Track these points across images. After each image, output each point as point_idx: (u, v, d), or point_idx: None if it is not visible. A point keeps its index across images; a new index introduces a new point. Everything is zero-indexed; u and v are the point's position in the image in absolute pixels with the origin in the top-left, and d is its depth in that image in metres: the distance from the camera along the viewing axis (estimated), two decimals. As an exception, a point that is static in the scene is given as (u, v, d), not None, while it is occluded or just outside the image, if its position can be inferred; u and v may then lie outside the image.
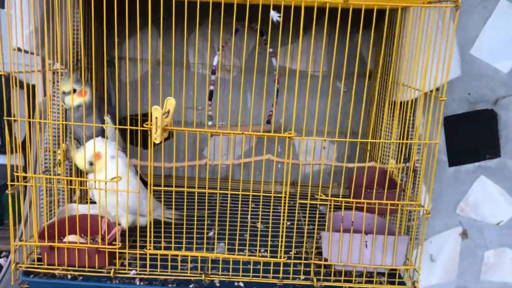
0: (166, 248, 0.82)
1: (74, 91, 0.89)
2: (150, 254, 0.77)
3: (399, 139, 0.94)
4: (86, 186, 0.83)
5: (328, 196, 0.74)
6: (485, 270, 1.30)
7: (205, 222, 0.79)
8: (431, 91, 0.75)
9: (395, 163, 0.97)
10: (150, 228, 0.77)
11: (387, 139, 1.02)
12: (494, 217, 1.27)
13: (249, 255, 0.81)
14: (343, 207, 0.75)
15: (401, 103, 0.92)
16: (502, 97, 1.19)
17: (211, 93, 1.02)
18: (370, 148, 1.11)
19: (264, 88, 1.18)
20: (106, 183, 0.74)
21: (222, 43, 1.01)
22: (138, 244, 0.79)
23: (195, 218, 0.75)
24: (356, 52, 0.66)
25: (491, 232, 1.28)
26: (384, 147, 1.03)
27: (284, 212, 0.73)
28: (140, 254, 0.78)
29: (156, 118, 0.68)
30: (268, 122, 1.07)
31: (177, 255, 0.78)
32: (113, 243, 0.77)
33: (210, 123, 1.00)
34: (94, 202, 0.84)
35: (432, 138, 0.74)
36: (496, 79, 1.18)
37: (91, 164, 0.79)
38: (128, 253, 0.79)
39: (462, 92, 1.19)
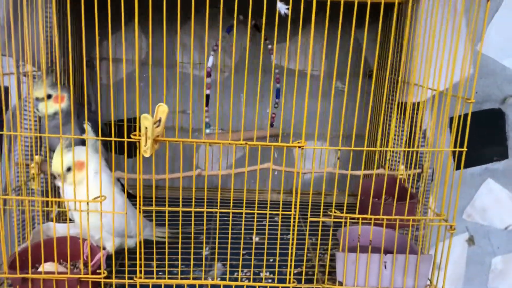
0: (158, 273, 0.73)
1: (49, 97, 0.78)
2: (141, 284, 0.67)
3: (409, 145, 0.87)
4: (64, 207, 0.73)
5: (342, 212, 0.66)
6: (493, 277, 1.24)
7: (203, 245, 0.70)
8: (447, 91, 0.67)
9: (405, 169, 0.90)
10: (140, 252, 0.67)
11: (396, 144, 0.95)
12: (502, 222, 1.21)
13: (253, 280, 0.72)
14: (360, 223, 0.67)
15: (411, 104, 0.84)
16: (510, 96, 1.13)
17: (207, 98, 0.92)
18: (377, 154, 1.04)
19: (270, 89, 1.08)
20: (88, 203, 0.64)
21: (217, 42, 0.91)
22: (126, 270, 0.69)
23: (192, 240, 0.66)
24: (358, 49, 0.57)
25: (499, 238, 1.22)
26: (393, 152, 0.96)
27: (293, 233, 0.64)
28: (129, 283, 0.68)
29: (146, 128, 0.58)
30: (272, 125, 0.98)
31: (172, 284, 0.69)
32: (98, 271, 0.67)
33: (208, 131, 0.90)
34: (73, 221, 0.74)
35: (454, 144, 0.66)
36: (504, 76, 1.12)
37: (69, 169, 0.68)
38: (115, 282, 0.69)
39: (468, 91, 1.12)
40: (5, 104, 0.87)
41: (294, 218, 0.65)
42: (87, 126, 0.76)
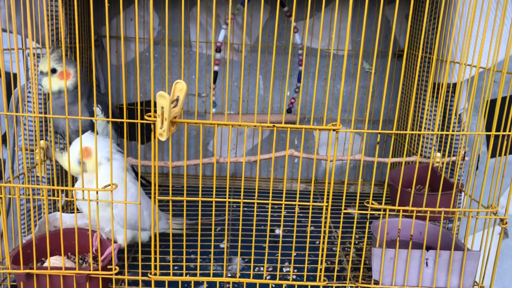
0: (175, 268, 0.66)
1: (54, 71, 0.71)
2: (156, 281, 0.61)
3: (442, 129, 0.79)
4: (72, 197, 0.66)
5: (381, 204, 0.58)
6: (526, 272, 1.17)
7: (225, 237, 0.63)
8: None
9: (441, 156, 0.82)
10: (155, 246, 0.61)
11: (428, 129, 0.87)
12: (537, 214, 1.13)
13: (279, 279, 0.65)
14: (400, 216, 0.60)
15: (449, 85, 0.76)
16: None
17: (215, 75, 0.85)
18: (405, 140, 0.96)
19: (291, 70, 1.01)
20: (97, 193, 0.58)
21: (230, 14, 0.83)
22: (140, 265, 0.62)
23: (213, 233, 0.59)
24: (388, 28, 0.49)
25: (534, 231, 1.14)
26: (426, 138, 0.88)
27: (325, 227, 0.57)
28: (142, 280, 0.62)
29: (162, 108, 0.51)
30: (289, 111, 0.90)
31: (190, 281, 0.62)
32: (108, 266, 0.61)
33: (214, 110, 0.83)
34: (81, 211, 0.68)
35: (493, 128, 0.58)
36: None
37: (79, 162, 0.62)
38: (128, 279, 0.63)
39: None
40: (7, 87, 0.81)
41: (326, 210, 0.58)
42: (95, 109, 0.69)
